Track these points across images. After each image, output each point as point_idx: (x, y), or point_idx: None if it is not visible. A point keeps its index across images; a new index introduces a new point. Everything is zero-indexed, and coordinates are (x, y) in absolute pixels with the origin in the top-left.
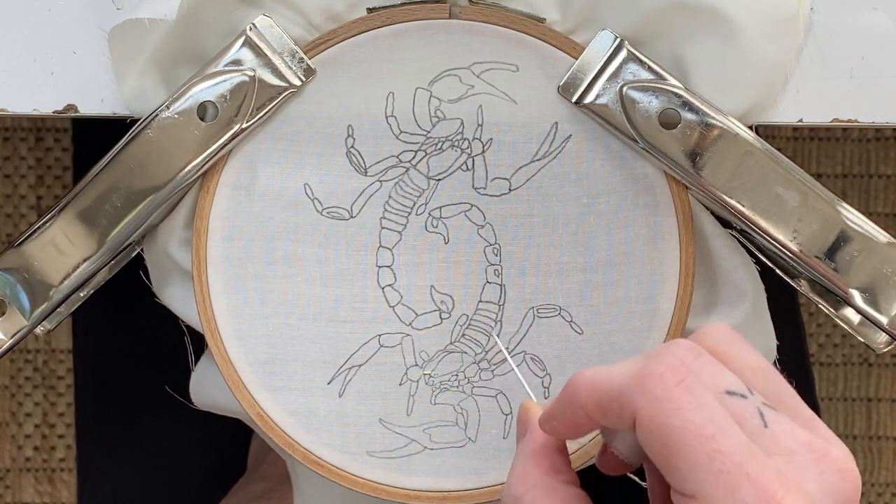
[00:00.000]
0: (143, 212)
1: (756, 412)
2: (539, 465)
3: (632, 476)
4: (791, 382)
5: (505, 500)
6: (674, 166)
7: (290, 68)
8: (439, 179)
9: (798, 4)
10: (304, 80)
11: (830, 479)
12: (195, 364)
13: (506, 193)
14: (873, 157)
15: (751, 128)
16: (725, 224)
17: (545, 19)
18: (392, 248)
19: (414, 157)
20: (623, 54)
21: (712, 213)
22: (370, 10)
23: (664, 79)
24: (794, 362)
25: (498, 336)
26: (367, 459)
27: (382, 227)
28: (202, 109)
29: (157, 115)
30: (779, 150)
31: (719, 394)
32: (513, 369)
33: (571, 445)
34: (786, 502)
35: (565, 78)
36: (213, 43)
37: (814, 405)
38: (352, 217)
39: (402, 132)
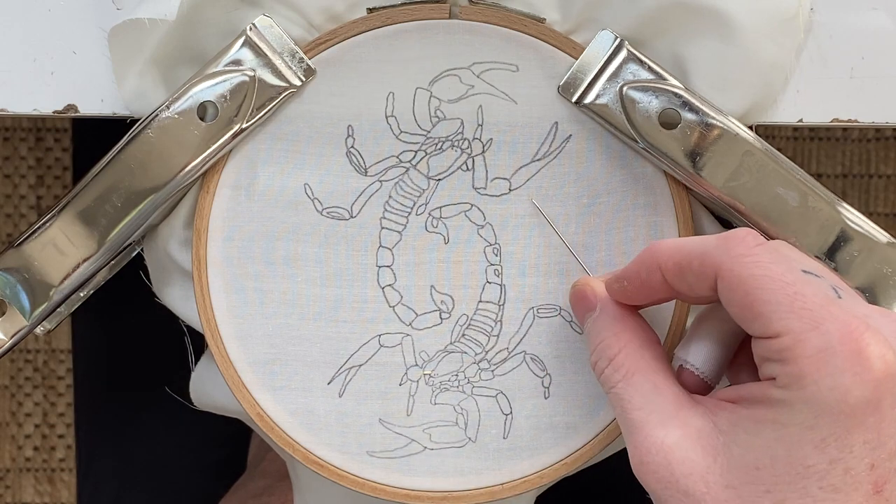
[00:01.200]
0: (143, 212)
1: (830, 288)
2: (626, 326)
3: None
4: None
5: (599, 364)
6: (674, 166)
7: (290, 68)
8: (439, 179)
9: (798, 4)
10: (304, 80)
11: None
12: (195, 364)
13: (506, 193)
14: (873, 157)
15: (751, 128)
16: (725, 224)
17: (545, 19)
18: (392, 248)
19: (414, 157)
20: (623, 54)
21: (712, 213)
22: (370, 10)
23: (664, 79)
24: None
25: (497, 337)
26: (367, 459)
27: (382, 227)
28: (202, 109)
29: (157, 115)
30: (779, 150)
31: (797, 270)
32: (567, 247)
33: (576, 442)
34: (867, 336)
35: (565, 78)
36: (213, 43)
37: None
38: (352, 217)
39: (402, 132)
